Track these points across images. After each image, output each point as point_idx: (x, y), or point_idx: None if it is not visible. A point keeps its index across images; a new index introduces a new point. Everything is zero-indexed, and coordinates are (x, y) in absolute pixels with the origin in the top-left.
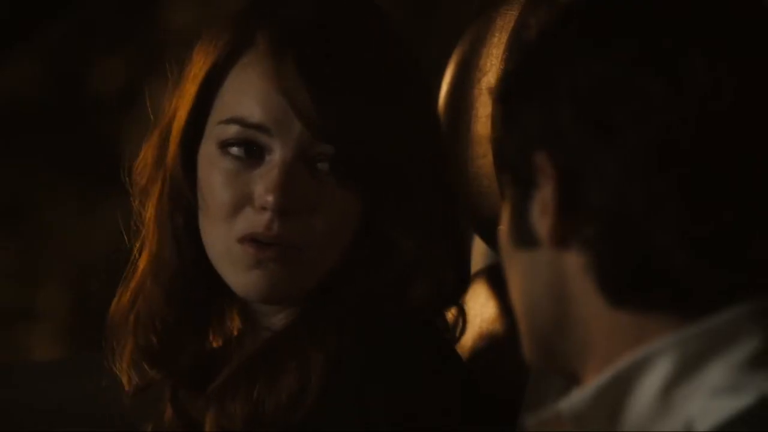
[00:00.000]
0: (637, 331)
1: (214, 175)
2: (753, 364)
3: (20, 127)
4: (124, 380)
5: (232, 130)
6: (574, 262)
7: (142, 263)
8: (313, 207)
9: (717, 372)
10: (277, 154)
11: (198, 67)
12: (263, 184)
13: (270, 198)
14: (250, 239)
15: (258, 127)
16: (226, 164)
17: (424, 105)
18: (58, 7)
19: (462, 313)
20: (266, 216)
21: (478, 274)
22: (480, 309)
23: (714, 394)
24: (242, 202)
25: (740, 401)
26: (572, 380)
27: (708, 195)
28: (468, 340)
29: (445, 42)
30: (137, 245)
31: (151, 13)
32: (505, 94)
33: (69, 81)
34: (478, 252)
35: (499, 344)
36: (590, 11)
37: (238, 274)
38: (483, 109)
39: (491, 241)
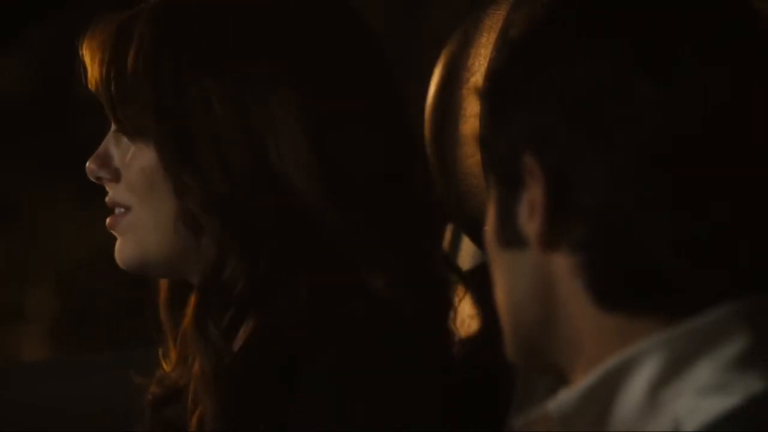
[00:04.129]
0: (625, 332)
1: None
2: (740, 363)
3: (11, 127)
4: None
5: None
6: (562, 263)
7: None
8: (118, 171)
9: (704, 371)
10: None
11: None
12: None
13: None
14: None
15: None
16: None
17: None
18: (48, 7)
19: (452, 307)
20: None
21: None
22: (468, 308)
23: (701, 394)
24: None
25: (728, 400)
26: (558, 379)
27: (699, 197)
28: (457, 339)
29: (434, 42)
30: None
31: None
32: (492, 93)
33: (60, 81)
34: (467, 251)
35: (488, 343)
36: (580, 10)
37: None
38: (471, 109)
39: (479, 241)
